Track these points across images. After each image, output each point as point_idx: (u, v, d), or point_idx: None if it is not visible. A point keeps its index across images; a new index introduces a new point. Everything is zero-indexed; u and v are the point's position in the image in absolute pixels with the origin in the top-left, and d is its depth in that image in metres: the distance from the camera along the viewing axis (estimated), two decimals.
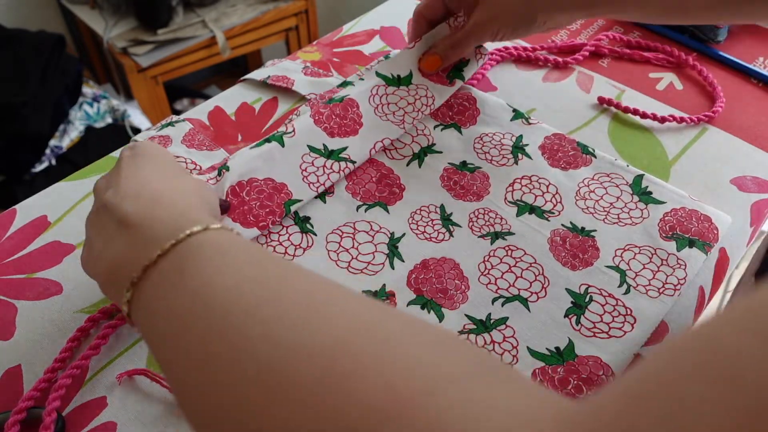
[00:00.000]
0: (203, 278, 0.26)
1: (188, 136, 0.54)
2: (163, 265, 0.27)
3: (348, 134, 0.50)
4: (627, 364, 0.40)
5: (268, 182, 0.46)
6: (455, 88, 0.55)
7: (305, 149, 0.49)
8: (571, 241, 0.46)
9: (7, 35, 1.39)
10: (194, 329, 0.24)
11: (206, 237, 0.28)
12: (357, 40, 0.67)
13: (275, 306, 0.23)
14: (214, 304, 0.24)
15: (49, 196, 0.51)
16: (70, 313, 0.42)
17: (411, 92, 0.54)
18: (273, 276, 0.26)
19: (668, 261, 0.44)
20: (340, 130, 0.50)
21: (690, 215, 0.47)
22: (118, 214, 0.31)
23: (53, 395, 0.37)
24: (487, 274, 0.44)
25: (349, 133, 0.50)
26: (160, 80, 1.53)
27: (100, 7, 1.54)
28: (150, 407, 0.38)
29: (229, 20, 1.54)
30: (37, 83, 1.33)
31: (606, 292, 0.43)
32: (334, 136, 0.50)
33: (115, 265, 0.29)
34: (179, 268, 0.27)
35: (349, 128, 0.51)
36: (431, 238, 0.47)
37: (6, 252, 0.46)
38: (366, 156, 0.50)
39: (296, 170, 0.48)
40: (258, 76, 0.61)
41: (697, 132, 0.56)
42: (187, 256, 0.27)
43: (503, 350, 0.40)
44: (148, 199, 0.32)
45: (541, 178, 0.50)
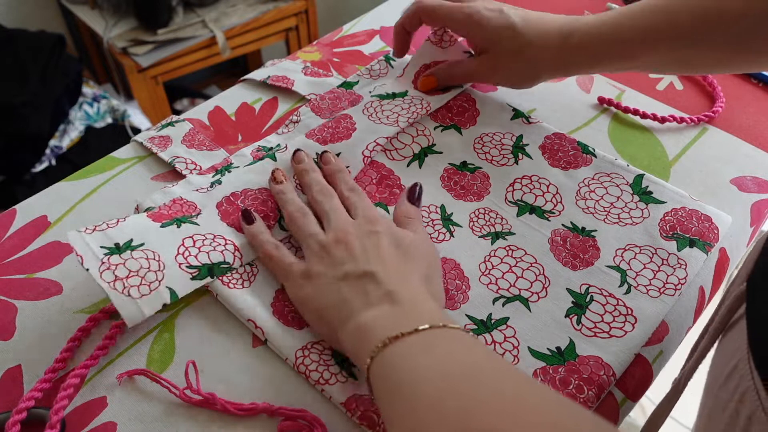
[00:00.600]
0: (445, 355, 0.31)
1: (188, 136, 0.54)
2: (414, 338, 0.32)
3: (341, 139, 0.50)
4: (628, 364, 0.40)
5: (262, 191, 0.46)
6: (451, 94, 0.55)
7: None
8: (572, 241, 0.46)
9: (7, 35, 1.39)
10: (428, 389, 0.29)
11: (455, 331, 0.33)
12: (357, 40, 0.67)
13: (487, 391, 0.28)
14: (450, 374, 0.29)
15: (49, 196, 0.51)
16: (70, 313, 0.42)
17: (406, 101, 0.54)
18: (492, 368, 0.30)
19: (669, 261, 0.44)
20: (333, 138, 0.50)
21: (690, 215, 0.47)
22: (384, 290, 0.36)
23: (61, 394, 0.37)
24: (488, 274, 0.44)
25: (342, 138, 0.50)
26: (160, 80, 1.53)
27: (100, 7, 1.54)
28: (150, 407, 0.38)
29: (229, 20, 1.54)
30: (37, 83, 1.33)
31: (607, 292, 0.43)
32: (327, 143, 0.50)
33: (373, 325, 0.34)
34: (426, 345, 0.32)
35: (342, 135, 0.51)
36: (432, 238, 0.46)
37: (6, 252, 0.46)
38: (359, 158, 0.50)
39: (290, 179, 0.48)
40: (258, 77, 0.61)
41: (697, 132, 0.56)
42: (435, 339, 0.32)
43: (504, 350, 0.40)
44: (416, 289, 0.37)
45: (542, 177, 0.50)
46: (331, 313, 0.37)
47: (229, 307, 0.42)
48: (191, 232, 0.43)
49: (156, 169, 0.52)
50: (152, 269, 0.40)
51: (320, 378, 0.38)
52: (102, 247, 0.40)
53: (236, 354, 0.40)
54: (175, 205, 0.46)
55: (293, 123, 0.55)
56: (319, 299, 0.38)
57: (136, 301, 0.39)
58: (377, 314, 0.35)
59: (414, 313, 0.34)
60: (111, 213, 0.49)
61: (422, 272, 0.40)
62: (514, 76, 0.52)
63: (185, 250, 0.42)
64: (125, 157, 0.54)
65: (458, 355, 0.31)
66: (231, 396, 0.38)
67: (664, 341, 0.42)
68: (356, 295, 0.37)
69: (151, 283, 0.40)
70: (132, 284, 0.39)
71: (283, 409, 0.37)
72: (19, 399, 0.37)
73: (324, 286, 0.39)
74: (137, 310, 0.39)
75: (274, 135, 0.55)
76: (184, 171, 0.51)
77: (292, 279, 0.40)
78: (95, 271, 0.39)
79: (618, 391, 0.40)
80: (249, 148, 0.53)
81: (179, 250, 0.42)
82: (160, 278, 0.40)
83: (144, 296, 0.39)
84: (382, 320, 0.34)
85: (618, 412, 0.39)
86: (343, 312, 0.36)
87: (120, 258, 0.40)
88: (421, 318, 0.33)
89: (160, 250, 0.41)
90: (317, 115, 0.55)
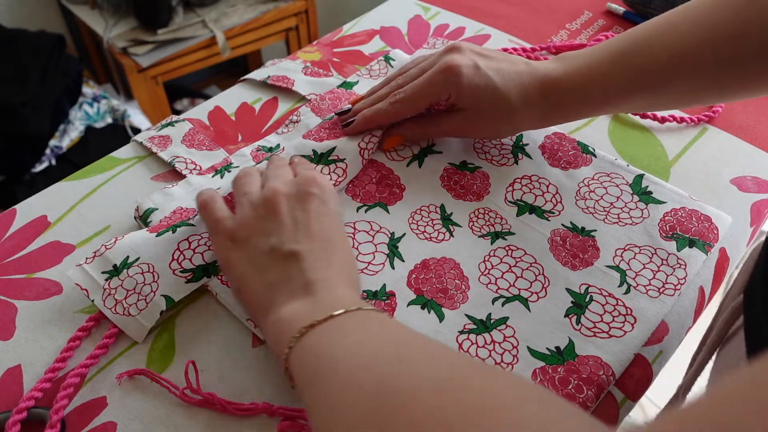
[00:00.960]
0: (360, 333, 0.31)
1: (188, 136, 0.54)
2: (329, 324, 0.32)
3: (336, 137, 0.50)
4: (627, 364, 0.40)
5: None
6: None
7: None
8: (572, 240, 0.46)
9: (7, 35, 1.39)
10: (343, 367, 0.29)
11: (368, 312, 0.33)
12: (357, 40, 0.67)
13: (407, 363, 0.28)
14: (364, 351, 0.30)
15: (49, 196, 0.51)
16: (70, 313, 0.42)
17: None
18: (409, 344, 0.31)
19: (668, 261, 0.44)
20: (329, 135, 0.50)
21: (690, 215, 0.47)
22: (306, 279, 0.36)
23: (61, 394, 0.37)
24: (488, 273, 0.44)
25: (338, 135, 0.50)
26: (160, 80, 1.53)
27: (100, 7, 1.54)
28: (150, 407, 0.38)
29: (229, 20, 1.54)
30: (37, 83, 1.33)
31: (606, 292, 0.43)
32: (323, 140, 0.50)
33: (291, 317, 0.34)
34: (341, 328, 0.32)
35: (339, 133, 0.51)
36: (431, 237, 0.47)
37: (6, 252, 0.46)
38: (356, 151, 0.49)
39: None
40: (258, 76, 0.61)
41: (697, 132, 0.56)
42: (348, 321, 0.32)
43: (503, 350, 0.40)
44: (336, 277, 0.36)
45: (542, 177, 0.50)
46: (252, 292, 0.37)
47: (228, 306, 0.42)
48: (187, 234, 0.43)
49: (156, 169, 0.52)
50: (147, 282, 0.41)
51: None
52: (102, 272, 0.42)
53: (236, 353, 0.40)
54: (175, 215, 0.46)
55: (293, 123, 0.55)
56: (243, 270, 0.38)
57: (137, 318, 0.41)
58: (296, 307, 0.34)
59: (330, 301, 0.34)
60: (111, 213, 0.49)
61: (345, 246, 0.39)
62: (493, 133, 0.51)
63: (180, 254, 0.42)
64: (125, 157, 0.54)
65: (372, 332, 0.31)
66: (231, 395, 0.38)
67: (664, 341, 0.42)
68: (280, 282, 0.36)
69: (146, 296, 0.41)
70: (130, 303, 0.41)
71: (283, 409, 0.37)
72: (19, 399, 0.37)
73: (249, 257, 0.38)
74: (139, 325, 0.41)
75: (274, 135, 0.55)
76: (184, 171, 0.51)
77: (219, 237, 0.40)
78: (99, 300, 0.41)
79: (618, 391, 0.40)
80: (249, 148, 0.53)
81: (174, 255, 0.42)
82: (155, 288, 0.41)
83: (142, 311, 0.41)
84: (300, 313, 0.34)
85: (618, 412, 0.39)
86: (265, 300, 0.36)
87: (118, 279, 0.42)
88: (337, 305, 0.33)
89: (155, 261, 0.42)
90: (317, 115, 0.55)
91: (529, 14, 0.70)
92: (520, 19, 0.69)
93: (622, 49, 0.45)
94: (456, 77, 0.46)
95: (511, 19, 0.69)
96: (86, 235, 0.47)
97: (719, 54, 0.41)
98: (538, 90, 0.47)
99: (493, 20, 0.69)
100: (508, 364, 0.39)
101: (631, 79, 0.45)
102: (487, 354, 0.40)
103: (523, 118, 0.48)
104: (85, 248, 0.47)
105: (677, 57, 0.43)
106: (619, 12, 0.69)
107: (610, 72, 0.45)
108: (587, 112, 0.49)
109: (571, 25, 0.68)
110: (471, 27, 0.68)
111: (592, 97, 0.46)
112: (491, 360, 0.40)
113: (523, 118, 0.48)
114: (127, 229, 0.48)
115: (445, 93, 0.47)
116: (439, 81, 0.46)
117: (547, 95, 0.47)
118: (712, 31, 0.42)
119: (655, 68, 0.44)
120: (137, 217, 0.47)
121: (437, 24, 0.69)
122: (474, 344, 0.40)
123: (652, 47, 0.44)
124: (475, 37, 0.67)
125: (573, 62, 0.47)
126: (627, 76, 0.45)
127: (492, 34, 0.67)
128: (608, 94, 0.46)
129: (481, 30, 0.68)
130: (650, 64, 0.44)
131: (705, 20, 0.42)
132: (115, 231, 0.48)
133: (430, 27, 0.69)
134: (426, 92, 0.47)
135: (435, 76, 0.47)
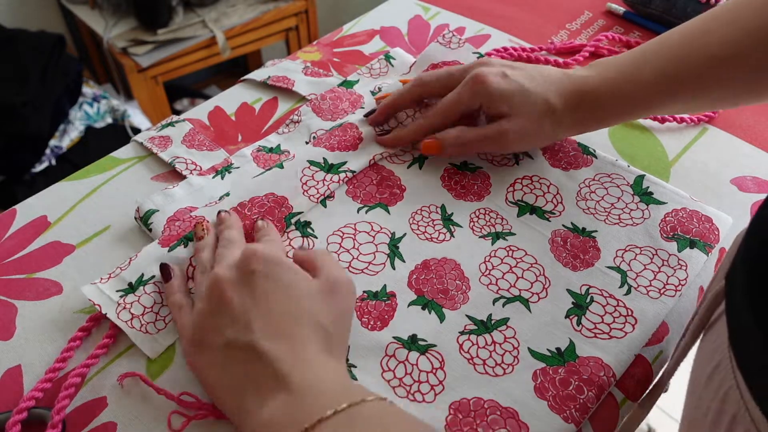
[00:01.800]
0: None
1: (188, 136, 0.54)
2: (324, 428, 0.29)
3: (348, 149, 0.50)
4: (628, 364, 0.40)
5: (269, 196, 0.46)
6: None
7: (305, 164, 0.49)
8: (572, 241, 0.46)
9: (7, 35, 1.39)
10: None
11: (366, 408, 0.30)
12: (357, 40, 0.67)
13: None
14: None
15: (49, 196, 0.51)
16: (70, 313, 0.42)
17: None
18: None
19: (669, 262, 0.44)
20: (340, 145, 0.50)
21: (691, 216, 0.47)
22: (274, 370, 0.33)
23: (63, 394, 0.37)
24: (488, 274, 0.44)
25: (349, 147, 0.51)
26: (160, 80, 1.53)
27: (100, 7, 1.54)
28: (150, 407, 0.38)
29: (229, 20, 1.54)
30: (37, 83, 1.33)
31: (607, 293, 0.43)
32: (335, 150, 0.50)
33: (273, 423, 0.31)
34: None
35: (349, 144, 0.51)
36: (432, 238, 0.46)
37: (6, 252, 0.46)
38: (367, 164, 0.51)
39: (297, 184, 0.48)
40: (258, 77, 0.61)
41: (697, 132, 0.56)
42: (347, 424, 0.29)
43: (504, 351, 0.40)
44: (303, 351, 0.34)
45: (542, 178, 0.50)
46: (222, 396, 0.35)
47: None
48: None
49: (156, 169, 0.52)
50: (164, 303, 0.41)
51: None
52: (117, 290, 0.42)
53: None
54: (184, 223, 0.45)
55: (294, 123, 0.55)
56: (207, 374, 0.36)
57: (155, 337, 0.40)
58: (274, 411, 0.32)
59: (313, 398, 0.31)
60: (111, 213, 0.49)
61: (315, 317, 0.36)
62: (536, 139, 0.49)
63: (193, 270, 0.42)
64: (125, 157, 0.54)
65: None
66: None
67: (664, 342, 0.42)
68: (247, 380, 0.34)
69: (165, 317, 0.41)
70: (148, 321, 0.41)
71: None
72: (19, 399, 0.37)
73: (210, 360, 0.36)
74: (157, 344, 0.40)
75: (275, 135, 0.55)
76: (184, 171, 0.51)
77: (184, 345, 0.38)
78: (113, 314, 0.41)
79: (618, 391, 0.40)
80: (249, 148, 0.53)
81: (187, 272, 0.42)
82: None
83: (161, 330, 0.41)
84: (280, 417, 0.31)
85: (618, 412, 0.39)
86: (239, 404, 0.34)
87: (134, 296, 0.41)
88: (323, 402, 0.30)
89: None
90: (318, 115, 0.55)
91: (529, 14, 0.70)
92: (520, 19, 0.69)
93: (662, 52, 0.45)
94: (482, 85, 0.46)
95: (511, 19, 0.69)
96: (86, 235, 0.47)
97: (760, 57, 0.41)
98: (577, 95, 0.46)
99: (493, 20, 0.69)
100: (508, 365, 0.39)
101: (670, 87, 0.44)
102: (487, 355, 0.40)
103: (563, 117, 0.47)
104: (85, 248, 0.46)
105: (718, 64, 0.42)
106: (619, 12, 0.69)
107: (649, 78, 0.45)
108: (625, 116, 0.48)
109: (571, 25, 0.68)
110: (471, 27, 0.68)
111: (629, 102, 0.46)
112: (492, 360, 0.39)
113: (562, 118, 0.47)
114: (127, 229, 0.48)
115: (475, 103, 0.47)
116: (467, 92, 0.47)
117: (584, 100, 0.46)
118: (753, 33, 0.41)
119: (694, 75, 0.43)
120: (137, 217, 0.47)
121: (437, 24, 0.69)
122: (474, 345, 0.40)
123: (690, 56, 0.43)
124: (475, 37, 0.67)
125: (610, 69, 0.47)
126: (666, 82, 0.44)
127: (492, 34, 0.67)
128: (649, 101, 0.46)
129: (481, 30, 0.68)
130: (691, 70, 0.43)
131: (746, 22, 0.41)
132: (115, 231, 0.48)
133: (430, 27, 0.69)
134: (456, 107, 0.48)
135: (463, 89, 0.47)
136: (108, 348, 0.40)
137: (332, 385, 0.33)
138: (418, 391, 0.38)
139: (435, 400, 0.38)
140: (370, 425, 0.30)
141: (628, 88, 0.46)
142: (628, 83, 0.45)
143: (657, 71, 0.45)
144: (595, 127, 0.49)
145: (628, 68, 0.46)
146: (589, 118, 0.48)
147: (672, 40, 0.45)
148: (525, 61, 0.63)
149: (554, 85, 0.47)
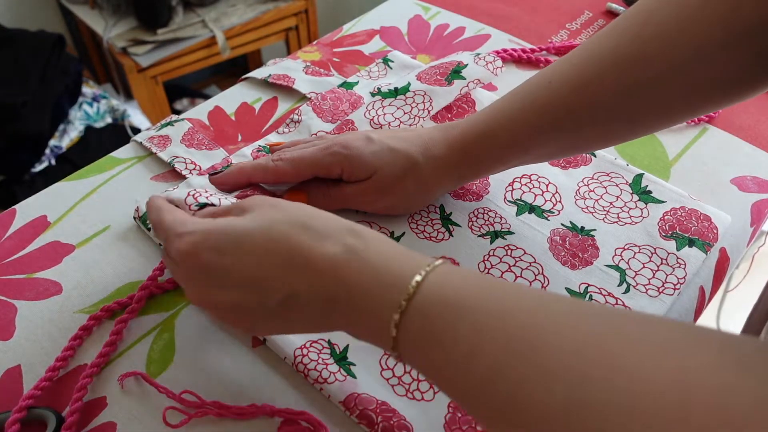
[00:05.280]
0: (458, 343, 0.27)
1: (188, 135, 0.54)
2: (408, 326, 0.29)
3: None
4: None
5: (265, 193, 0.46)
6: (454, 89, 0.55)
7: None
8: (571, 240, 0.46)
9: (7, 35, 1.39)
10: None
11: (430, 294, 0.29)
12: (357, 40, 0.67)
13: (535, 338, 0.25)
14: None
15: (49, 196, 0.51)
16: (70, 313, 0.42)
17: (408, 101, 0.54)
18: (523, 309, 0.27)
19: (668, 260, 0.44)
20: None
21: (690, 214, 0.47)
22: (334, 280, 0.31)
23: (76, 395, 0.37)
24: (487, 273, 0.44)
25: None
26: (159, 80, 1.53)
27: (100, 7, 1.54)
28: (150, 407, 0.38)
29: (229, 20, 1.54)
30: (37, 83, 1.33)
31: (606, 291, 0.43)
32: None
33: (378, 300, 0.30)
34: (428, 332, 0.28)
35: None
36: (431, 237, 0.47)
37: (6, 252, 0.46)
38: None
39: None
40: (259, 75, 0.61)
41: (698, 132, 0.56)
42: (426, 319, 0.28)
43: None
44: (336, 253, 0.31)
45: (541, 177, 0.50)
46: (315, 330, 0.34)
47: None
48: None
49: (156, 169, 0.52)
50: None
51: (318, 377, 0.38)
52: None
53: (236, 354, 0.40)
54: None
55: (294, 122, 0.55)
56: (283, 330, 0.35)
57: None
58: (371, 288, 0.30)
59: (392, 264, 0.30)
60: (111, 213, 0.49)
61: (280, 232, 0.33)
62: (408, 201, 0.47)
63: None
64: (125, 157, 0.54)
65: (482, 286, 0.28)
66: (230, 396, 0.38)
67: None
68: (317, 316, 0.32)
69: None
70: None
71: (284, 412, 0.37)
72: (18, 399, 0.37)
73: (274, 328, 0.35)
74: None
75: (275, 134, 0.55)
76: (184, 171, 0.51)
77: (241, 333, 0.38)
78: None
79: None
80: (249, 148, 0.53)
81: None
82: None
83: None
84: (379, 294, 0.30)
85: None
86: (328, 326, 0.33)
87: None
88: (402, 270, 0.30)
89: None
90: (318, 115, 0.55)
91: (529, 14, 0.70)
92: (520, 19, 0.69)
93: (525, 90, 0.43)
94: (344, 149, 0.43)
95: (511, 19, 0.69)
96: (86, 235, 0.47)
97: (621, 80, 0.38)
98: (442, 141, 0.44)
99: (493, 20, 0.69)
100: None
101: (536, 118, 0.42)
102: None
103: (431, 174, 0.44)
104: (85, 248, 0.47)
105: (579, 88, 0.40)
106: (619, 12, 0.69)
107: (514, 113, 0.42)
108: (498, 158, 0.44)
109: (571, 25, 0.69)
110: (471, 27, 0.68)
111: (498, 140, 0.43)
112: None
113: (430, 175, 0.44)
114: (127, 229, 0.48)
115: (336, 167, 0.44)
116: (326, 154, 0.44)
117: (451, 144, 0.44)
118: (610, 56, 0.39)
119: (558, 103, 0.41)
120: (137, 217, 0.47)
121: (437, 24, 0.69)
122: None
123: (551, 83, 0.41)
124: (475, 37, 0.67)
125: (481, 111, 0.44)
126: (531, 115, 0.42)
127: (492, 34, 0.67)
128: (514, 135, 0.42)
129: (481, 30, 0.68)
130: (553, 100, 0.41)
131: (603, 47, 0.40)
132: (115, 231, 0.48)
133: (430, 27, 0.69)
134: (312, 161, 0.44)
135: (322, 148, 0.44)
136: (116, 345, 0.40)
137: (395, 252, 0.31)
138: (417, 389, 0.38)
139: (434, 398, 0.38)
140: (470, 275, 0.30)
141: (493, 128, 0.43)
142: (494, 123, 0.43)
143: (522, 104, 0.43)
144: (471, 174, 0.46)
145: (495, 108, 0.44)
146: (462, 164, 0.45)
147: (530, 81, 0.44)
148: (525, 61, 0.63)
149: (420, 139, 0.44)
